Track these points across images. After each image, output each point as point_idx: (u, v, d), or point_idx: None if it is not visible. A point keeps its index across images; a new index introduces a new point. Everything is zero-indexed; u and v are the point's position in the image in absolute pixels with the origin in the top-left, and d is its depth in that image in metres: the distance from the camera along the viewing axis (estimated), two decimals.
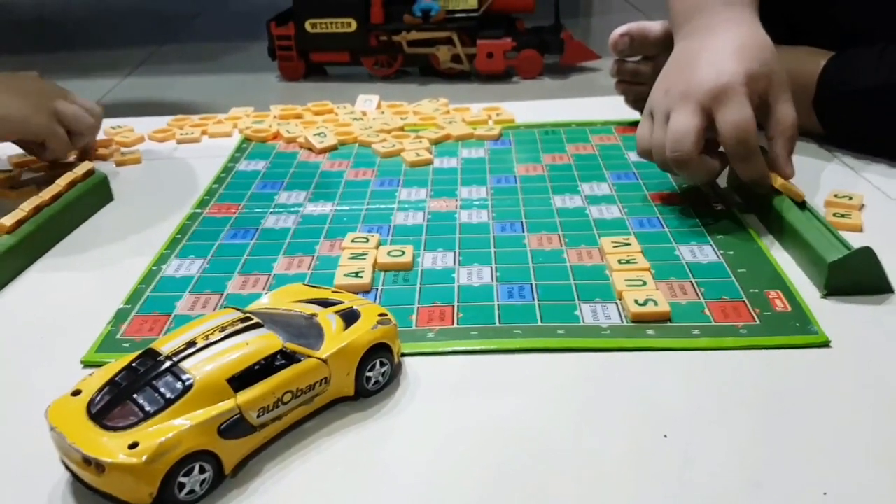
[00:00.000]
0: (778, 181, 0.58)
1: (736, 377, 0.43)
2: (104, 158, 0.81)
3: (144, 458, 0.34)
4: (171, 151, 0.83)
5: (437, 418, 0.41)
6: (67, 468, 0.37)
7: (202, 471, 0.36)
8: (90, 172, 0.69)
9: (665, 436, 0.39)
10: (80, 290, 0.56)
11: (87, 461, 0.34)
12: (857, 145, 0.73)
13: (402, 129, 0.84)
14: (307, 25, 1.07)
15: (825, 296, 0.50)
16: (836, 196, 0.62)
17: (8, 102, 0.69)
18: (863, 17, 0.76)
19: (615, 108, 0.84)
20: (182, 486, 0.35)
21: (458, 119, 0.86)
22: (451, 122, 0.85)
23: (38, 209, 0.61)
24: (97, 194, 0.69)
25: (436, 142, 0.80)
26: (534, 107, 0.91)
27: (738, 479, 0.36)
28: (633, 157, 0.74)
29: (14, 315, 0.53)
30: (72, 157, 0.77)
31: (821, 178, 0.68)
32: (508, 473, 0.37)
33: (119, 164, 0.79)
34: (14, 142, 0.75)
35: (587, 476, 0.37)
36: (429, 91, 1.00)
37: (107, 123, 0.89)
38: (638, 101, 0.79)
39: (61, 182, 0.65)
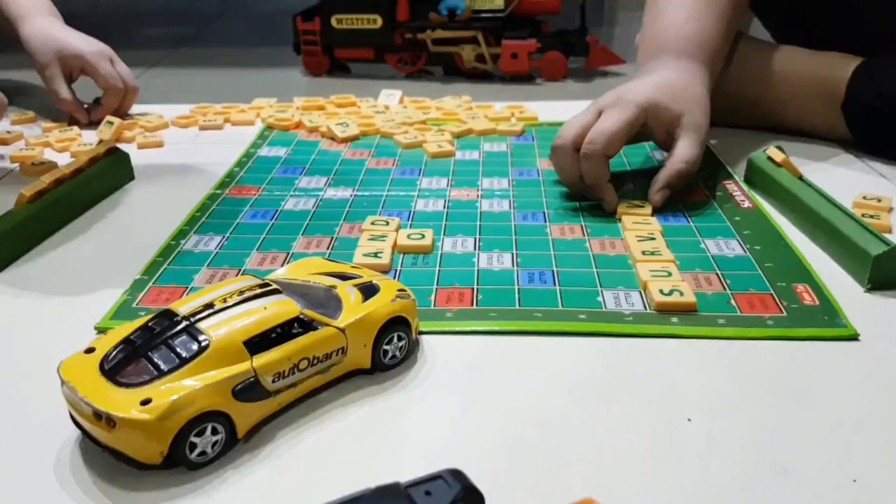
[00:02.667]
0: (622, 208, 0.60)
1: (762, 366, 0.42)
2: (128, 141, 0.81)
3: (157, 414, 0.33)
4: (194, 137, 0.83)
5: (453, 395, 0.40)
6: (77, 425, 0.36)
7: (214, 432, 0.35)
8: (112, 150, 0.69)
9: (689, 419, 0.38)
10: (98, 261, 0.55)
11: (98, 416, 0.34)
12: (885, 151, 0.72)
13: (423, 122, 0.84)
14: (333, 21, 1.07)
15: (869, 289, 0.49)
16: (864, 198, 0.61)
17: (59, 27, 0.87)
18: (888, 24, 0.76)
19: None
20: (193, 446, 0.35)
21: (481, 115, 0.85)
22: (474, 117, 0.84)
23: (58, 182, 0.61)
24: (119, 172, 0.69)
25: (458, 135, 0.80)
26: (557, 106, 0.91)
27: (763, 463, 0.35)
28: (657, 155, 0.73)
29: (30, 283, 0.53)
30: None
31: (848, 181, 0.67)
32: (524, 452, 0.36)
33: (141, 146, 0.79)
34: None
35: (607, 455, 0.36)
36: (451, 90, 1.00)
37: (132, 110, 0.89)
38: None
39: (83, 157, 0.65)
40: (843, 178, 0.67)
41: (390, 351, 0.42)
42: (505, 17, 1.05)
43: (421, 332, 0.45)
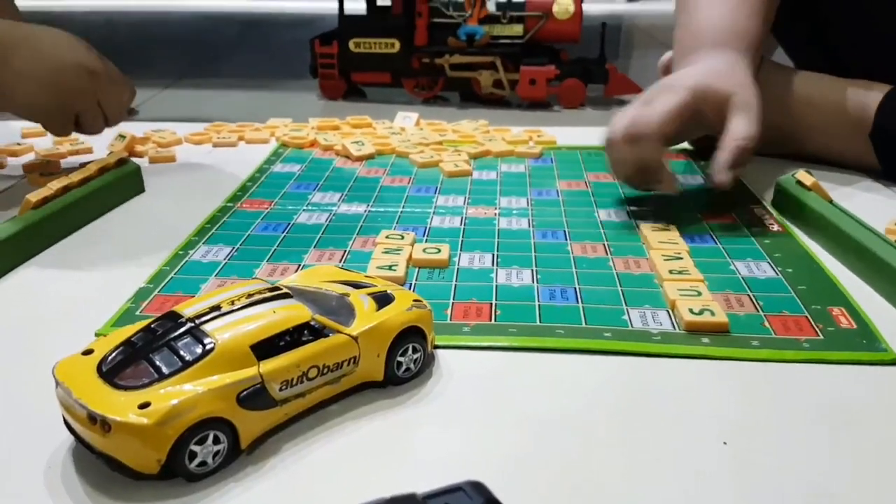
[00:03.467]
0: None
1: (799, 389, 0.40)
2: (140, 156, 0.79)
3: (156, 419, 0.31)
4: (207, 153, 0.82)
5: (470, 412, 0.38)
6: (71, 430, 0.34)
7: (216, 441, 0.33)
8: (123, 161, 0.67)
9: (725, 442, 0.35)
10: (103, 269, 0.54)
11: (93, 419, 0.32)
12: None
13: (440, 143, 0.82)
14: (351, 45, 1.06)
15: None
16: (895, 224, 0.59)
17: (33, 91, 0.64)
18: None
19: None
20: (193, 455, 0.32)
21: (498, 138, 0.84)
22: (491, 139, 0.83)
23: (66, 189, 0.60)
24: (128, 184, 0.67)
25: (475, 156, 0.78)
26: (575, 131, 0.89)
27: (803, 490, 0.32)
28: (681, 179, 0.71)
29: (32, 288, 0.51)
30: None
31: (878, 209, 0.64)
32: (546, 474, 0.34)
33: (153, 160, 0.78)
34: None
35: (636, 477, 0.33)
36: (468, 114, 0.99)
37: (146, 127, 0.89)
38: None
39: (92, 167, 0.64)
40: (872, 206, 0.65)
41: (404, 363, 0.40)
42: (524, 43, 1.04)
43: (436, 347, 0.43)
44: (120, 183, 0.66)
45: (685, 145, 0.79)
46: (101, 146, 0.80)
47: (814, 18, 0.81)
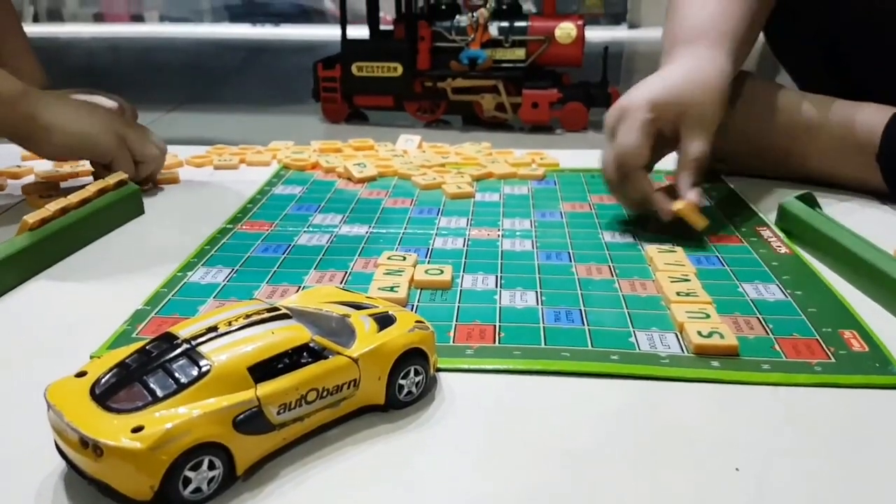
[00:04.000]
0: (677, 206, 0.59)
1: (812, 414, 0.39)
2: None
3: (149, 443, 0.30)
4: (208, 176, 0.81)
5: (474, 437, 0.37)
6: (63, 455, 0.33)
7: (211, 467, 0.32)
8: (122, 183, 0.67)
9: (737, 468, 0.34)
10: (99, 291, 0.53)
11: (85, 443, 0.31)
12: None
13: (443, 165, 0.82)
14: (353, 68, 1.06)
15: None
16: None
17: (79, 119, 0.68)
18: None
19: (665, 159, 0.81)
20: (188, 481, 0.31)
21: (501, 160, 0.83)
22: (494, 161, 0.82)
23: (64, 210, 0.59)
24: (127, 205, 0.67)
25: (478, 178, 0.78)
26: (578, 154, 0.89)
27: None
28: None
29: (28, 310, 0.50)
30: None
31: (885, 232, 0.63)
32: (552, 501, 0.33)
33: (156, 183, 0.77)
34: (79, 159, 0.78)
35: None
36: (471, 137, 0.99)
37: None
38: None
39: (91, 188, 0.63)
40: (879, 229, 0.64)
41: (406, 386, 0.38)
42: (526, 67, 1.04)
43: (439, 369, 0.42)
44: (119, 205, 0.65)
45: None
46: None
47: (824, 40, 0.81)
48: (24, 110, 0.65)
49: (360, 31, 1.11)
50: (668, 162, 0.65)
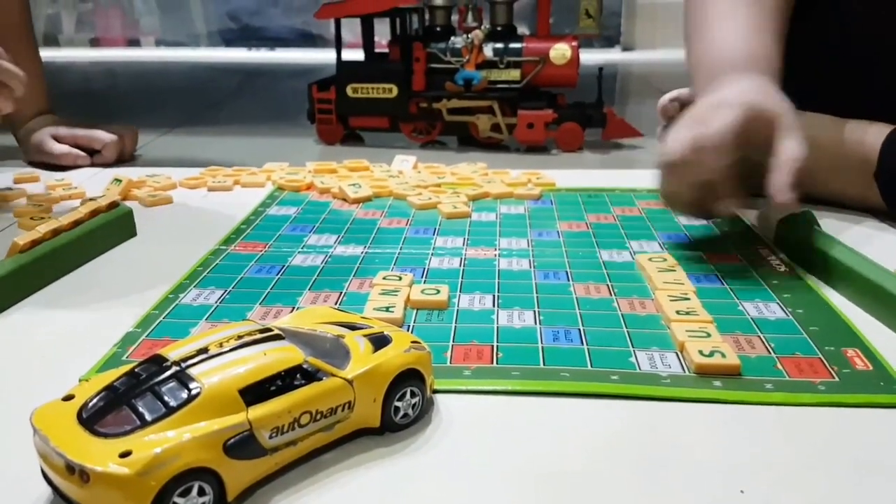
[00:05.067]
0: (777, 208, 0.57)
1: (817, 434, 0.38)
2: (135, 199, 0.78)
3: (137, 468, 0.29)
4: (202, 198, 0.81)
5: (472, 460, 0.36)
6: (49, 482, 0.32)
7: (201, 493, 0.31)
8: (114, 205, 0.66)
9: (742, 491, 0.33)
10: (90, 313, 0.52)
11: (71, 468, 0.30)
12: None
13: (438, 185, 0.81)
14: (348, 90, 1.06)
15: None
16: None
17: None
18: None
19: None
20: None
21: (497, 180, 0.83)
22: (490, 181, 0.82)
23: (55, 232, 0.58)
24: (120, 228, 0.66)
25: (474, 198, 0.77)
26: (574, 174, 0.89)
27: None
28: (683, 220, 0.70)
29: (16, 333, 0.49)
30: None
31: (884, 250, 0.63)
32: None
33: (148, 204, 0.77)
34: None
35: None
36: (466, 157, 0.98)
37: (141, 172, 0.88)
38: None
39: (83, 210, 0.63)
40: (878, 246, 0.63)
41: (402, 408, 0.38)
42: (521, 88, 1.04)
43: (435, 391, 0.41)
44: (111, 226, 0.65)
45: None
46: (96, 190, 0.79)
47: (821, 60, 0.81)
48: None
49: (356, 55, 1.11)
50: None
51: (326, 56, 1.10)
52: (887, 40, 0.75)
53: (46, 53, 1.06)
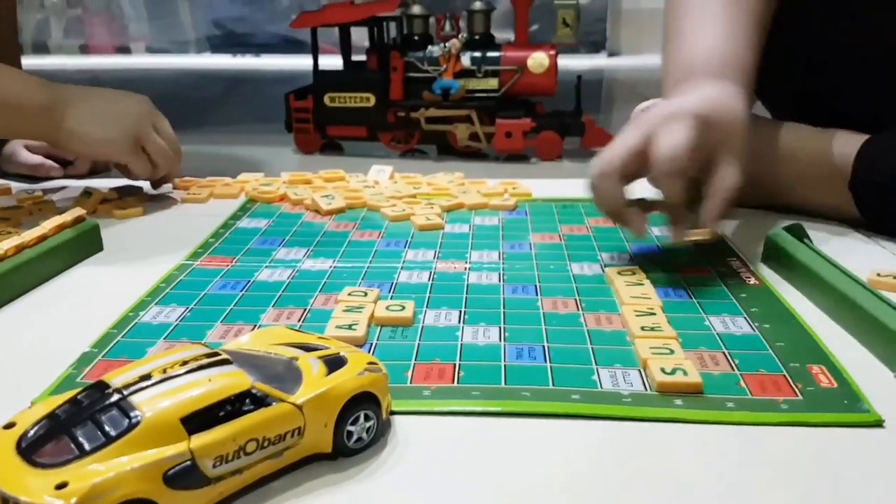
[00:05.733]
0: (695, 234, 0.58)
1: (777, 454, 0.37)
2: (105, 211, 0.78)
3: (73, 501, 0.28)
4: (173, 210, 0.80)
5: (428, 485, 0.35)
6: None
7: None
8: (80, 219, 0.65)
9: None
10: (48, 333, 0.51)
11: (6, 501, 0.29)
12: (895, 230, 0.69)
13: (413, 196, 0.81)
14: (326, 99, 1.06)
15: None
16: (878, 275, 0.57)
17: (99, 126, 0.75)
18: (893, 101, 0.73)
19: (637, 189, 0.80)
20: None
21: (473, 190, 0.82)
22: (466, 192, 0.81)
23: (18, 249, 0.58)
24: (85, 242, 0.65)
25: (448, 209, 0.76)
26: (551, 184, 0.88)
27: None
28: (657, 231, 0.69)
29: None
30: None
31: (859, 261, 0.63)
32: None
33: (119, 217, 0.76)
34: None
35: None
36: (444, 167, 0.98)
37: (114, 182, 0.87)
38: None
39: (48, 225, 0.62)
40: (853, 257, 0.63)
41: (355, 433, 0.37)
42: (499, 97, 1.03)
43: (393, 412, 0.40)
44: (76, 241, 0.64)
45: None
46: (66, 203, 0.79)
47: (799, 69, 0.81)
48: (49, 121, 0.73)
49: (336, 62, 1.11)
50: None
51: (311, 62, 1.09)
52: (860, 47, 0.75)
53: (35, 61, 1.06)
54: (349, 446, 0.37)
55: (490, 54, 1.03)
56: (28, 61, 1.02)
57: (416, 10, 1.08)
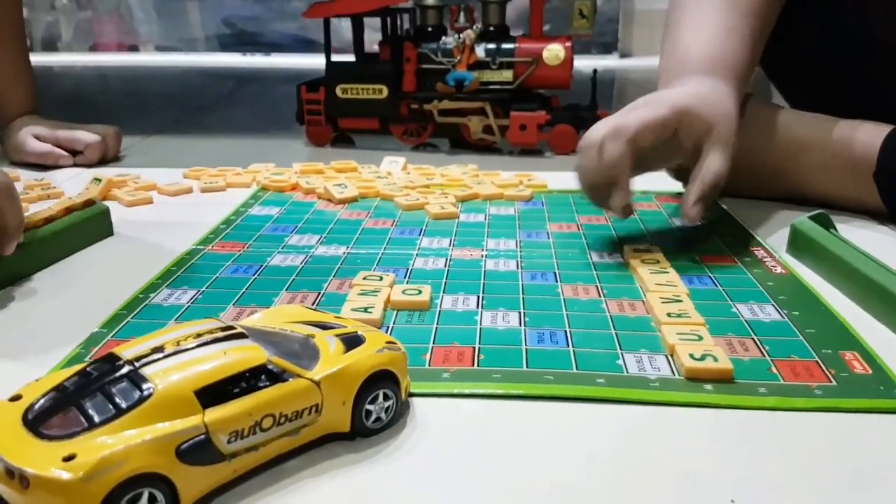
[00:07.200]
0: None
1: (812, 440, 0.36)
2: (115, 199, 0.76)
3: (80, 473, 0.27)
4: (184, 197, 0.79)
5: (447, 468, 0.34)
6: None
7: (152, 500, 0.29)
8: (90, 202, 0.64)
9: (732, 500, 0.31)
10: (57, 313, 0.50)
11: (10, 473, 0.28)
12: None
13: (427, 186, 0.79)
14: (338, 91, 1.04)
15: None
16: None
17: None
18: None
19: (655, 180, 0.79)
20: None
21: (487, 182, 0.81)
22: (480, 183, 0.80)
23: (26, 229, 0.56)
24: (95, 226, 0.64)
25: (463, 199, 0.75)
26: (567, 176, 0.86)
27: None
28: (677, 222, 0.68)
29: None
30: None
31: (883, 252, 0.61)
32: None
33: (129, 204, 0.75)
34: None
35: None
36: (457, 160, 0.96)
37: (124, 171, 0.86)
38: (681, 172, 0.74)
39: (56, 207, 0.61)
40: (876, 248, 0.61)
41: (374, 412, 0.35)
42: (514, 89, 1.02)
43: (412, 395, 0.39)
44: (86, 224, 0.62)
45: (679, 187, 0.76)
46: (75, 190, 0.77)
47: (818, 61, 0.79)
48: None
49: (349, 58, 1.09)
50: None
51: (320, 61, 1.08)
52: (881, 37, 0.74)
53: (44, 59, 1.05)
54: (367, 426, 0.35)
55: (505, 46, 1.02)
56: (37, 58, 1.01)
57: (430, 0, 1.07)
